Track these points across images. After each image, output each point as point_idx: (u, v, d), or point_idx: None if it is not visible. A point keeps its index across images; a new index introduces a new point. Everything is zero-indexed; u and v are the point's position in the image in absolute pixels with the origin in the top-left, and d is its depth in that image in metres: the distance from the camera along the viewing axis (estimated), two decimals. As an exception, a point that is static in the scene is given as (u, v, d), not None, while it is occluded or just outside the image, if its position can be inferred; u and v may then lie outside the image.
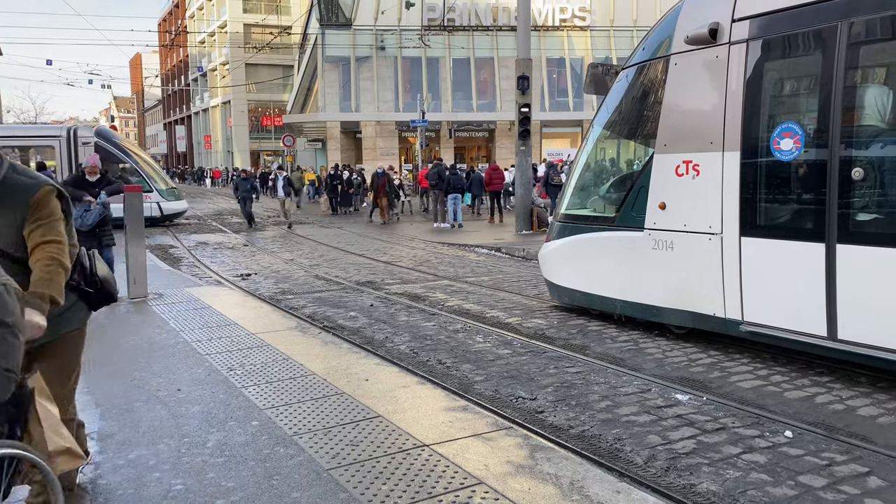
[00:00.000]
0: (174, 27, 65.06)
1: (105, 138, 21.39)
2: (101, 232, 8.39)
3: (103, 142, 21.02)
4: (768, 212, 5.82)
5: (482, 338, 7.01)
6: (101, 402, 4.75)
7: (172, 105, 76.63)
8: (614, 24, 38.35)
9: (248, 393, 4.88)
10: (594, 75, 8.82)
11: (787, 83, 5.89)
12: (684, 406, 4.92)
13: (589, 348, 6.56)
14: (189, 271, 12.11)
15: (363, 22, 36.98)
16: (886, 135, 5.16)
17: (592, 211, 7.85)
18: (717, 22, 5.98)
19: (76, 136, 20.37)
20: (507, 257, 13.57)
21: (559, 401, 5.10)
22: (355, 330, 7.50)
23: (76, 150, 20.20)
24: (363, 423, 4.26)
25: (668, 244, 6.49)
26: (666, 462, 4.02)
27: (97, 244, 8.06)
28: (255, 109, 58.07)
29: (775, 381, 5.47)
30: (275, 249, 15.40)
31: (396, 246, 15.69)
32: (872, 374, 5.39)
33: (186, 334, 6.67)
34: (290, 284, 10.63)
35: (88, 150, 20.15)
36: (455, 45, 37.32)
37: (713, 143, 6.04)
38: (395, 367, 5.67)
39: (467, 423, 4.25)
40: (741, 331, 5.92)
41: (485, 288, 10.02)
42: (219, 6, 58.87)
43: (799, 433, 4.39)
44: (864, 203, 5.17)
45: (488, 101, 38.33)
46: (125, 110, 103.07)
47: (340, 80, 37.82)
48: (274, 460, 3.75)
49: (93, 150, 20.09)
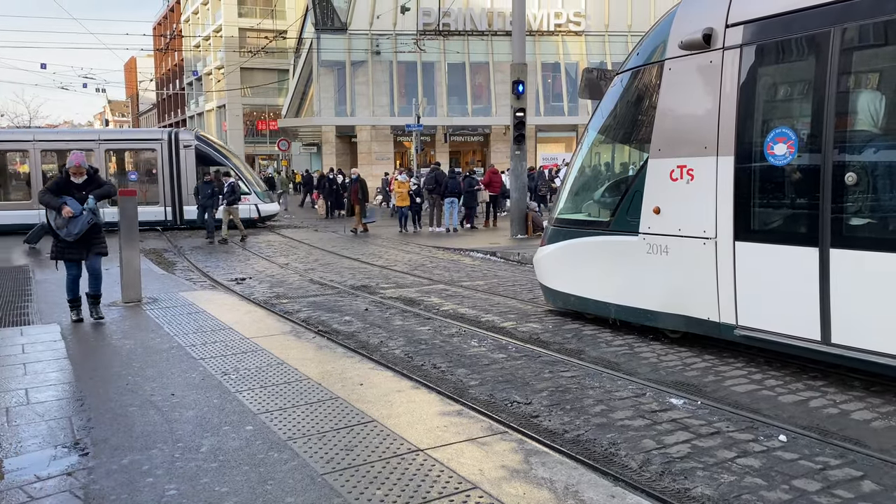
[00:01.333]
0: (169, 31, 65.04)
1: (204, 142, 21.91)
2: (92, 240, 7.47)
3: (203, 145, 21.60)
4: (762, 216, 5.83)
5: (477, 342, 7.01)
6: (95, 407, 4.73)
7: (167, 109, 76.48)
8: (609, 30, 38.47)
9: (242, 397, 4.86)
10: (589, 80, 8.85)
11: (780, 88, 5.91)
12: (679, 410, 4.93)
13: (584, 352, 6.57)
14: (183, 275, 12.08)
15: (358, 26, 37.01)
16: (879, 140, 5.18)
17: (587, 215, 7.86)
18: (710, 27, 6.01)
19: (177, 140, 20.90)
20: (502, 261, 13.58)
21: (554, 405, 5.09)
22: (350, 334, 7.48)
23: (177, 154, 20.82)
24: (357, 428, 4.25)
25: (662, 248, 6.51)
26: (661, 466, 4.02)
27: (86, 253, 7.45)
28: (250, 113, 58.01)
29: (769, 385, 5.48)
30: (270, 254, 15.37)
31: (391, 250, 15.68)
32: (866, 379, 5.41)
33: (180, 338, 6.65)
34: (284, 289, 10.61)
35: (189, 154, 21.00)
36: (450, 50, 37.37)
37: (707, 148, 6.06)
38: (389, 371, 5.66)
39: (462, 428, 4.24)
40: (735, 335, 5.94)
41: (480, 292, 10.01)
42: (214, 10, 58.87)
43: (793, 437, 4.40)
44: (858, 208, 5.19)
45: (483, 105, 38.38)
46: (120, 114, 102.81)
47: (336, 84, 37.82)
48: (268, 465, 3.74)
49: (193, 153, 20.98)
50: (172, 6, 69.98)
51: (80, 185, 7.39)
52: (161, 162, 20.88)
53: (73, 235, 7.24)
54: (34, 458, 3.90)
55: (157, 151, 20.97)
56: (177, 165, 20.64)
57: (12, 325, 7.55)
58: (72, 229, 7.22)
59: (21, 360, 5.99)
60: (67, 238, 7.25)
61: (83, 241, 7.38)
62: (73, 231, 7.23)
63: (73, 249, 7.39)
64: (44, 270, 11.84)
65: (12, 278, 11.06)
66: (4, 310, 8.47)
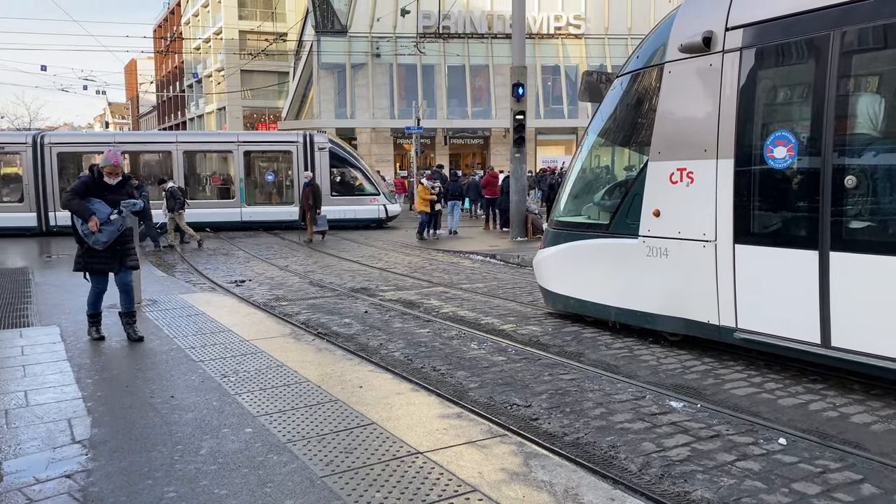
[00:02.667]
0: (169, 33, 65.05)
1: (337, 145, 22.47)
2: (124, 250, 6.69)
3: (337, 148, 22.16)
4: (762, 219, 5.84)
5: (477, 345, 7.00)
6: (94, 409, 4.73)
7: (167, 111, 76.49)
8: (609, 32, 38.53)
9: (241, 400, 4.86)
10: (589, 83, 8.86)
11: (780, 91, 5.92)
12: (679, 413, 4.92)
13: (583, 355, 6.56)
14: (183, 277, 12.07)
15: (358, 29, 37.06)
16: (879, 143, 5.19)
17: (587, 218, 7.86)
18: (710, 30, 6.02)
19: (312, 143, 21.46)
20: (502, 264, 13.58)
21: (554, 408, 5.09)
22: (349, 337, 7.48)
23: (312, 156, 21.35)
24: (357, 431, 4.25)
25: (662, 251, 6.51)
26: (660, 469, 4.02)
27: (116, 265, 6.67)
28: (250, 116, 58.00)
29: (769, 388, 5.48)
30: (269, 256, 15.37)
31: (391, 252, 15.68)
32: (866, 382, 5.41)
33: (180, 341, 6.65)
34: (284, 291, 10.61)
35: (324, 156, 21.48)
36: (450, 53, 37.41)
37: (707, 151, 6.06)
38: (389, 374, 5.66)
39: (461, 431, 4.24)
40: (735, 338, 5.93)
41: (479, 295, 10.01)
42: (214, 13, 58.89)
43: (793, 440, 4.40)
44: (857, 211, 5.20)
45: (483, 108, 38.41)
46: (120, 116, 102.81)
47: (336, 86, 37.86)
48: (267, 468, 3.74)
49: (328, 154, 21.47)
50: (173, 8, 70.04)
51: (114, 186, 6.58)
52: (296, 164, 21.41)
53: (101, 244, 6.45)
54: (33, 460, 3.90)
55: (293, 154, 21.54)
56: (312, 167, 21.14)
57: (11, 326, 7.54)
58: (100, 237, 6.44)
59: (20, 361, 5.99)
60: (95, 246, 6.46)
61: (113, 250, 6.58)
62: (102, 239, 6.44)
63: (101, 260, 6.59)
64: (43, 272, 11.84)
65: (12, 280, 11.05)
66: (4, 311, 8.46)
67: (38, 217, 20.13)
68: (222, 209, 21.27)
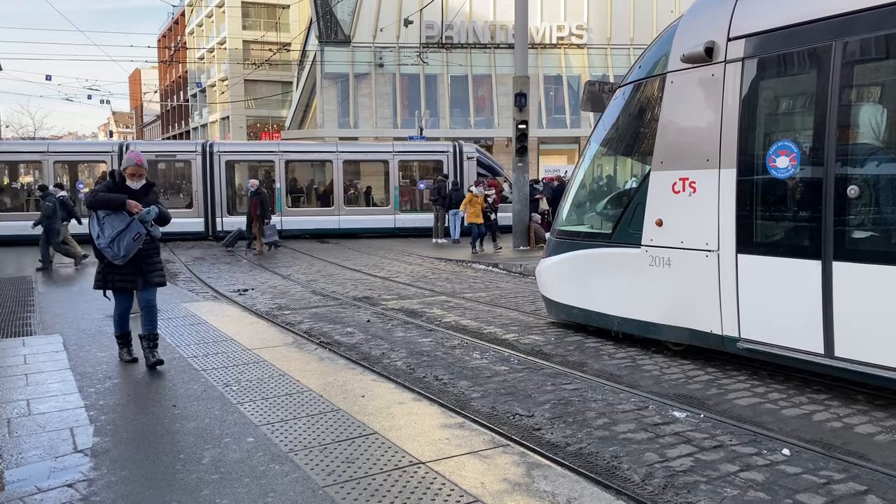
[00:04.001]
0: (174, 43, 65.41)
1: (483, 154, 23.53)
2: (148, 264, 5.96)
3: (483, 156, 23.19)
4: (765, 229, 5.83)
5: (479, 354, 6.99)
6: (96, 418, 4.73)
7: (171, 120, 76.80)
8: (611, 42, 38.67)
9: (243, 409, 4.86)
10: (591, 93, 8.88)
11: (782, 101, 5.93)
12: (682, 423, 4.91)
13: (586, 365, 6.55)
14: (186, 286, 12.08)
15: (362, 39, 37.24)
16: (881, 153, 5.19)
17: (589, 227, 7.86)
18: (712, 41, 6.03)
19: (461, 152, 22.54)
20: (505, 273, 13.57)
21: (556, 418, 5.08)
22: (352, 346, 7.48)
23: (461, 165, 22.40)
24: (359, 440, 4.24)
25: (664, 261, 6.50)
26: (663, 480, 4.00)
27: (140, 281, 5.95)
28: (253, 125, 58.20)
29: (773, 398, 5.46)
30: (271, 265, 15.38)
31: (394, 262, 15.69)
32: (870, 392, 5.39)
33: (182, 350, 6.65)
34: (286, 300, 10.61)
35: (471, 165, 22.43)
36: (453, 63, 37.57)
37: (709, 161, 6.07)
38: (391, 383, 5.65)
39: (464, 441, 4.23)
40: (738, 348, 5.92)
41: (482, 304, 10.01)
42: (218, 23, 59.23)
43: (796, 451, 4.38)
44: (860, 220, 5.19)
45: (486, 117, 38.53)
46: (124, 125, 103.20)
47: (339, 96, 38.01)
48: (269, 477, 3.73)
49: (475, 163, 22.46)
50: (177, 18, 70.44)
51: (137, 191, 5.90)
52: (448, 172, 22.11)
53: (120, 258, 5.72)
54: (35, 469, 3.89)
55: (444, 162, 22.46)
56: (461, 175, 21.93)
57: (15, 335, 7.55)
58: (118, 250, 5.68)
59: (23, 370, 5.99)
60: (115, 261, 5.74)
61: (136, 265, 5.86)
62: (120, 253, 5.69)
63: (123, 276, 5.90)
64: (46, 281, 11.86)
65: (15, 288, 11.08)
66: (7, 320, 8.47)
67: (206, 223, 20.98)
68: (377, 216, 22.54)
